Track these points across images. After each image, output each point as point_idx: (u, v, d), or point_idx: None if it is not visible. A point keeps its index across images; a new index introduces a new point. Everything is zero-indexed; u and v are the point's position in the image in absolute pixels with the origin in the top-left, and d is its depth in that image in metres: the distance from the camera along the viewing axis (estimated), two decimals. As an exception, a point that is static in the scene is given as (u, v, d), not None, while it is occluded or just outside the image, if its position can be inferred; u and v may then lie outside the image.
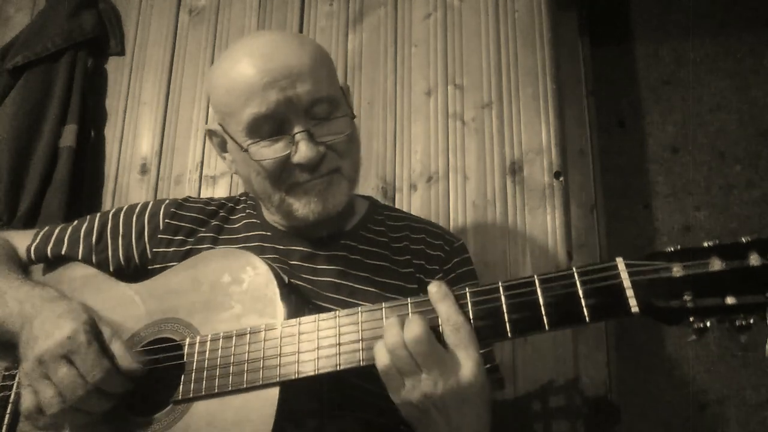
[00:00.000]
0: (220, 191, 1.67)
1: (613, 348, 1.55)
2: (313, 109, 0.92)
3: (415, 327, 0.73)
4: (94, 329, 0.83)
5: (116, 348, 0.84)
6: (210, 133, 1.05)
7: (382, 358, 0.75)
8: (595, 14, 1.88)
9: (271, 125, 0.91)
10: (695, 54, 1.99)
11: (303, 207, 0.94)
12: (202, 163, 1.71)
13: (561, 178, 1.42)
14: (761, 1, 1.93)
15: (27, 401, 0.81)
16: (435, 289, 0.77)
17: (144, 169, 1.76)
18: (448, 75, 1.57)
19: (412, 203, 1.50)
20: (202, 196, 1.67)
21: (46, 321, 0.83)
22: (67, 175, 1.69)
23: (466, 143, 1.51)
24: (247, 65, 0.92)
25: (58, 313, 0.84)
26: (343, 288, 0.98)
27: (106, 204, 1.76)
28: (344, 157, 0.97)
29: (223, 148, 1.05)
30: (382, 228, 1.08)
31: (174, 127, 1.78)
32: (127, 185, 1.76)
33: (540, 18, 1.54)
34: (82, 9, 1.86)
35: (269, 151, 0.92)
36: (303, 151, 0.90)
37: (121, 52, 1.89)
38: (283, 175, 0.93)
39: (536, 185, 1.43)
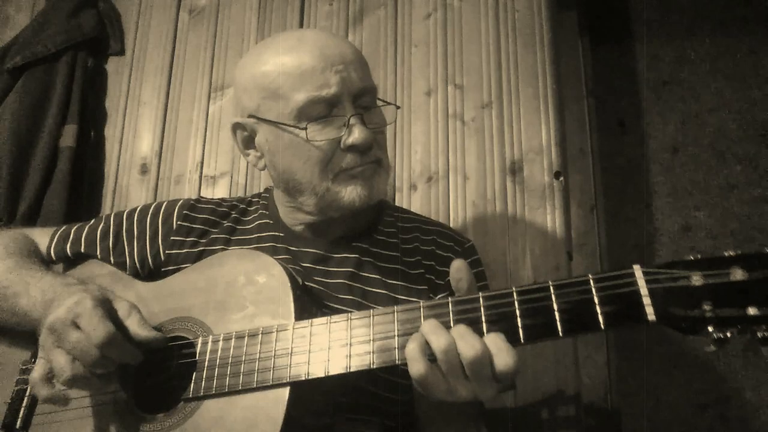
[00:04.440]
0: (220, 191, 1.67)
1: (613, 348, 1.55)
2: (361, 97, 0.94)
3: (477, 347, 0.70)
4: (103, 300, 0.84)
5: (134, 319, 0.85)
6: (236, 127, 1.02)
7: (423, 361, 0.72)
8: (595, 14, 1.88)
9: (324, 108, 0.91)
10: (695, 54, 1.99)
11: (350, 193, 0.93)
12: (202, 163, 1.71)
13: (561, 178, 1.42)
14: (761, 1, 1.93)
15: (37, 370, 0.82)
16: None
17: (144, 169, 1.76)
18: (448, 75, 1.57)
19: (412, 203, 1.50)
20: (205, 197, 1.68)
21: (61, 299, 0.85)
22: (67, 175, 1.69)
23: (466, 143, 1.51)
24: (302, 51, 0.92)
25: (73, 291, 0.86)
26: (355, 290, 0.98)
27: (106, 204, 1.76)
28: (383, 151, 0.99)
29: (248, 144, 1.02)
30: (393, 229, 1.08)
31: (174, 127, 1.78)
32: (127, 185, 1.76)
33: (540, 18, 1.54)
34: (82, 9, 1.86)
35: (322, 134, 0.92)
36: (357, 133, 0.91)
37: (121, 52, 1.89)
38: (333, 160, 0.93)
39: (536, 185, 1.43)
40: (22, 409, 0.93)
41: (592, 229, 1.62)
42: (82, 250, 1.09)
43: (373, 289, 0.98)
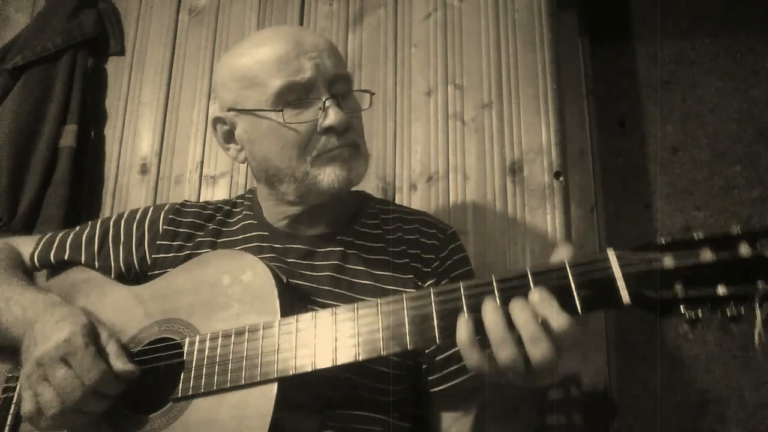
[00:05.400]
0: (220, 191, 1.67)
1: (613, 348, 1.55)
2: (336, 84, 0.97)
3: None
4: (92, 332, 0.84)
5: (111, 350, 0.84)
6: (216, 122, 1.04)
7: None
8: (595, 14, 1.88)
9: (300, 93, 0.94)
10: (695, 54, 1.99)
11: (328, 175, 0.95)
12: (202, 163, 1.71)
13: (561, 178, 1.42)
14: (761, 1, 1.93)
15: (27, 404, 0.82)
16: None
17: (144, 169, 1.76)
18: (448, 75, 1.57)
19: (412, 203, 1.50)
20: (201, 197, 1.68)
21: (46, 325, 0.84)
22: (67, 175, 1.69)
23: (466, 143, 1.51)
24: (277, 41, 0.96)
25: (58, 317, 0.85)
26: (341, 282, 0.99)
27: (106, 204, 1.76)
28: (361, 136, 1.01)
29: (228, 138, 1.04)
30: (376, 221, 1.09)
31: (174, 127, 1.78)
32: (127, 185, 1.76)
33: (540, 18, 1.54)
34: (82, 9, 1.86)
35: (298, 117, 0.94)
36: (333, 115, 0.93)
37: (121, 52, 1.90)
38: (310, 143, 0.95)
39: (536, 185, 1.43)
40: (9, 417, 0.93)
41: (592, 229, 1.62)
42: (66, 257, 1.09)
43: (360, 281, 0.99)
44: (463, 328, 0.71)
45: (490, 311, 0.70)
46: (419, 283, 1.01)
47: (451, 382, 0.96)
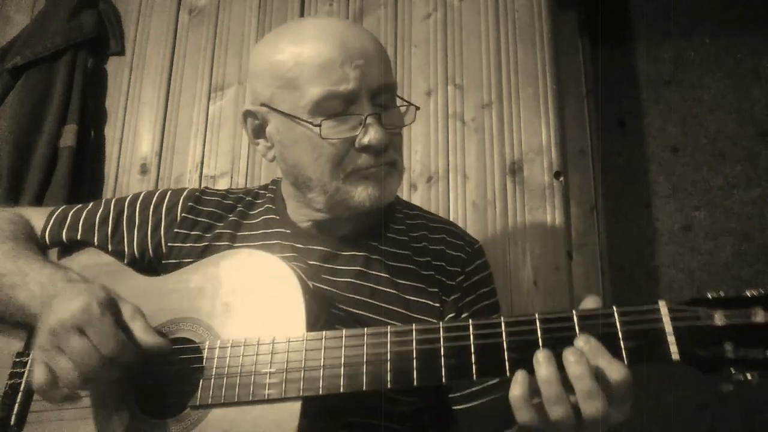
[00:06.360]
0: (220, 191, 1.67)
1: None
2: (380, 95, 0.91)
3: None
4: (110, 304, 0.81)
5: (139, 323, 0.82)
6: (247, 115, 0.97)
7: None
8: (595, 14, 1.88)
9: (340, 104, 0.88)
10: (695, 54, 1.99)
11: (360, 193, 0.90)
12: (202, 163, 1.71)
13: (561, 178, 1.42)
14: (761, 1, 1.93)
15: (39, 375, 0.79)
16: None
17: (144, 169, 1.76)
18: (448, 75, 1.57)
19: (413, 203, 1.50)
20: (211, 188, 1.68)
21: (63, 298, 0.81)
22: (67, 175, 1.69)
23: (466, 143, 1.51)
24: (321, 41, 0.88)
25: (76, 291, 0.82)
26: (363, 289, 0.95)
27: (106, 204, 1.76)
28: (399, 152, 0.96)
29: (258, 133, 0.98)
30: (402, 227, 1.05)
31: (174, 127, 1.78)
32: (127, 185, 1.76)
33: (540, 18, 1.54)
34: (82, 9, 1.86)
35: (336, 132, 0.88)
36: (373, 134, 0.87)
37: (121, 52, 1.89)
38: (345, 159, 0.90)
39: (536, 185, 1.43)
40: (17, 405, 0.89)
41: (592, 229, 1.63)
42: (79, 237, 1.05)
43: (383, 288, 0.96)
44: (519, 387, 0.68)
45: (545, 366, 0.67)
46: (443, 297, 0.97)
47: (475, 402, 0.93)
